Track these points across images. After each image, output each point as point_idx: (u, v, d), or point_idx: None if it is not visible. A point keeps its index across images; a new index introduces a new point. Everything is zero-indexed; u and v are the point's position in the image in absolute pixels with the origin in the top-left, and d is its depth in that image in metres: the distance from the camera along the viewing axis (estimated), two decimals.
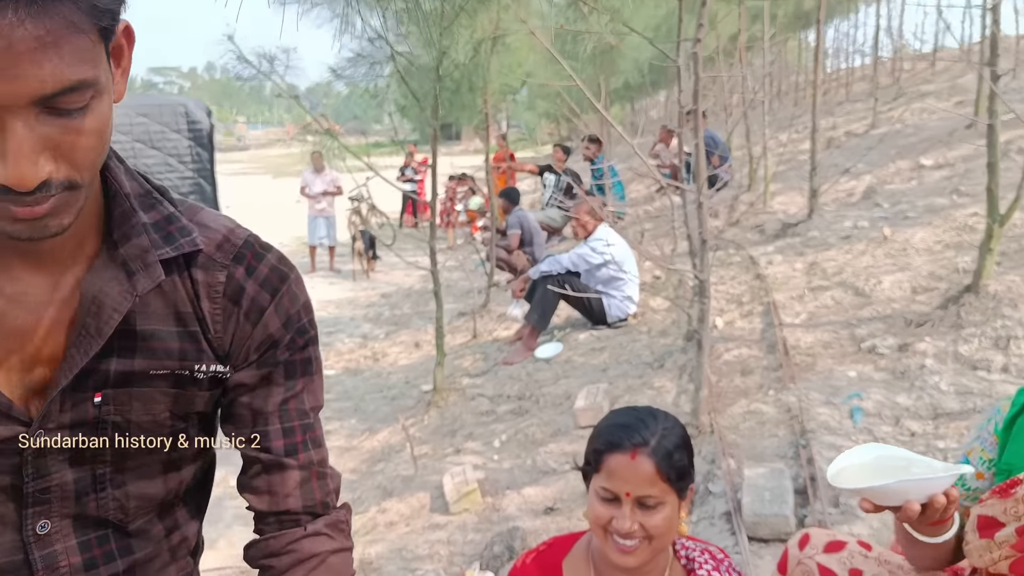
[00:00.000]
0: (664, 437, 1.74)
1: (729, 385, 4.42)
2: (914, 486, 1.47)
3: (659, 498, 1.69)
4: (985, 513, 1.61)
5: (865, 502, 1.53)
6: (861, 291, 5.01)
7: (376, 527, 4.42)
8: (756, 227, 8.27)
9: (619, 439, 1.72)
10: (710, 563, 1.85)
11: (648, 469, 1.68)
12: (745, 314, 5.46)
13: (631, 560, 1.70)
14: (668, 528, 1.71)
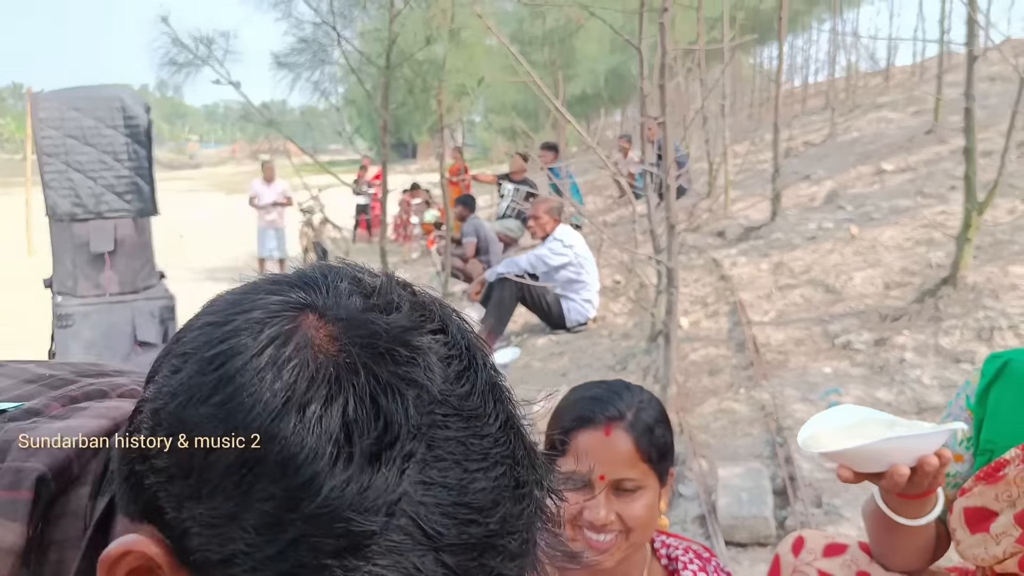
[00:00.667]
0: (642, 410, 1.43)
1: (697, 385, 4.15)
2: (901, 446, 1.23)
3: (639, 481, 1.38)
4: (973, 504, 1.37)
5: (844, 469, 1.27)
6: (831, 288, 4.79)
7: None
8: (717, 233, 8.08)
9: (590, 413, 1.41)
10: (696, 563, 1.54)
11: (625, 447, 1.38)
12: (711, 314, 5.21)
13: (607, 559, 1.38)
14: (649, 519, 1.40)
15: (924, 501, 1.32)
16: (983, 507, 1.35)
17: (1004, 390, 1.42)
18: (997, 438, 1.40)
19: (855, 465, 1.27)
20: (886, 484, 1.25)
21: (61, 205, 6.17)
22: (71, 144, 6.23)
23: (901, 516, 1.34)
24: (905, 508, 1.33)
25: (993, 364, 1.45)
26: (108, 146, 6.31)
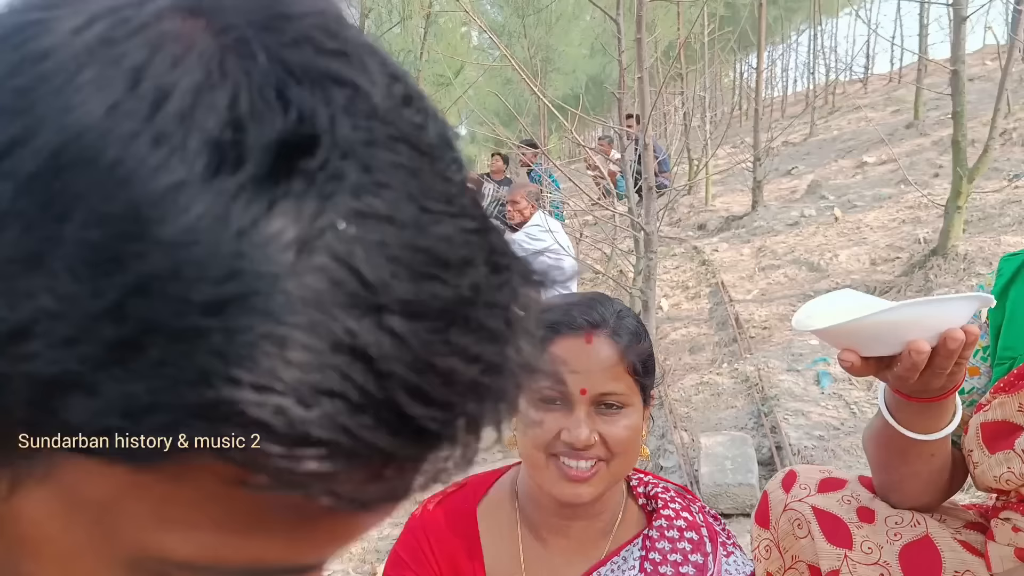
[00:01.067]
0: (624, 317, 1.24)
1: (678, 363, 3.99)
2: (919, 317, 1.00)
3: (623, 397, 1.19)
4: (991, 419, 1.19)
5: (848, 353, 1.05)
6: (816, 266, 4.66)
7: None
8: (698, 226, 7.96)
9: (569, 317, 1.21)
10: (677, 502, 1.34)
11: (609, 355, 1.19)
12: (691, 297, 5.06)
13: (586, 491, 1.18)
14: (632, 443, 1.21)
15: (941, 408, 1.12)
16: (1004, 421, 1.17)
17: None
18: (1018, 343, 1.23)
19: (862, 346, 1.05)
20: (901, 371, 1.02)
21: None
22: None
23: (912, 430, 1.15)
24: (917, 418, 1.14)
25: (1011, 263, 1.28)
26: None
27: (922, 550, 1.23)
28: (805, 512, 1.31)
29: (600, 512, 1.28)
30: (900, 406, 1.15)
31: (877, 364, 1.06)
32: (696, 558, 1.26)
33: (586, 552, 1.29)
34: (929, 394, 1.09)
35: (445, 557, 1.31)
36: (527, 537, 1.31)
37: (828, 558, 1.25)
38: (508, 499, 1.35)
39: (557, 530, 1.29)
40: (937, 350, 1.00)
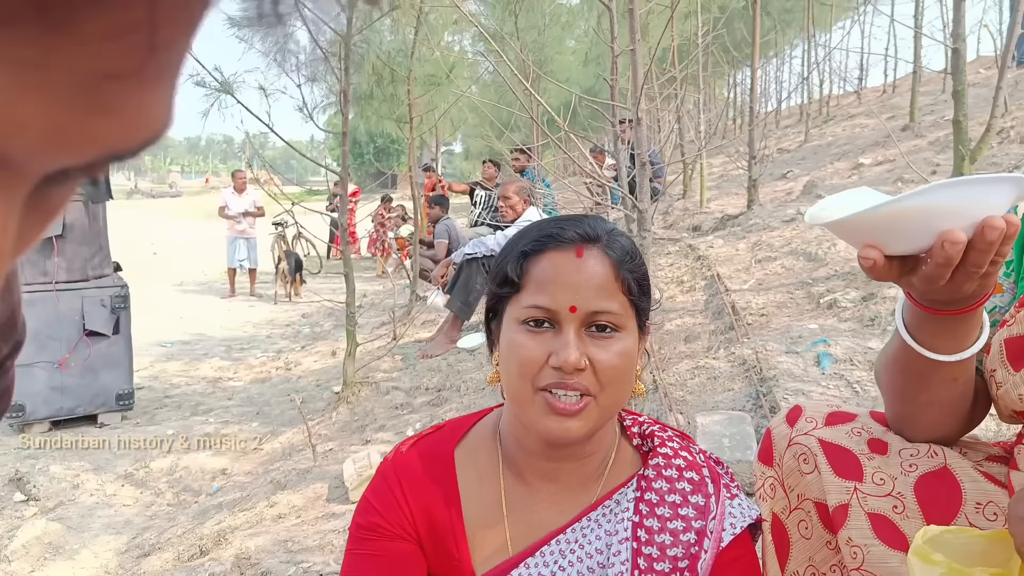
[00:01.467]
0: (617, 234, 1.15)
1: (673, 352, 3.88)
2: (955, 201, 0.86)
3: (617, 319, 1.08)
4: (1017, 333, 1.08)
5: (869, 249, 0.92)
6: (814, 256, 4.56)
7: (261, 521, 3.72)
8: (692, 228, 7.87)
9: (558, 230, 1.11)
10: (675, 441, 1.23)
11: (602, 270, 1.09)
12: (686, 290, 4.96)
13: (575, 426, 1.07)
14: (625, 371, 1.10)
15: (967, 323, 1.01)
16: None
17: None
18: None
19: (886, 240, 0.91)
20: (931, 269, 0.90)
21: None
22: None
23: (934, 351, 1.03)
24: (941, 336, 1.02)
25: None
26: None
27: (940, 481, 1.12)
28: (811, 445, 1.20)
29: (590, 453, 1.18)
30: (922, 323, 1.04)
31: (900, 267, 0.95)
32: (697, 499, 1.15)
33: (575, 497, 1.19)
34: (956, 305, 0.97)
35: (418, 502, 1.19)
36: (510, 482, 1.20)
37: (836, 492, 1.14)
38: (489, 441, 1.24)
39: (543, 474, 1.18)
40: (973, 242, 0.88)
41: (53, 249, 5.94)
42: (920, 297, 0.99)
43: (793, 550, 1.21)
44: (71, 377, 5.92)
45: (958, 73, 3.66)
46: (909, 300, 1.03)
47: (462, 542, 1.17)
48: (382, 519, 1.19)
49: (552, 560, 1.14)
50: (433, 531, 1.19)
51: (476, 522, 1.18)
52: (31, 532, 4.33)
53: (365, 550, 1.18)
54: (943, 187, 0.87)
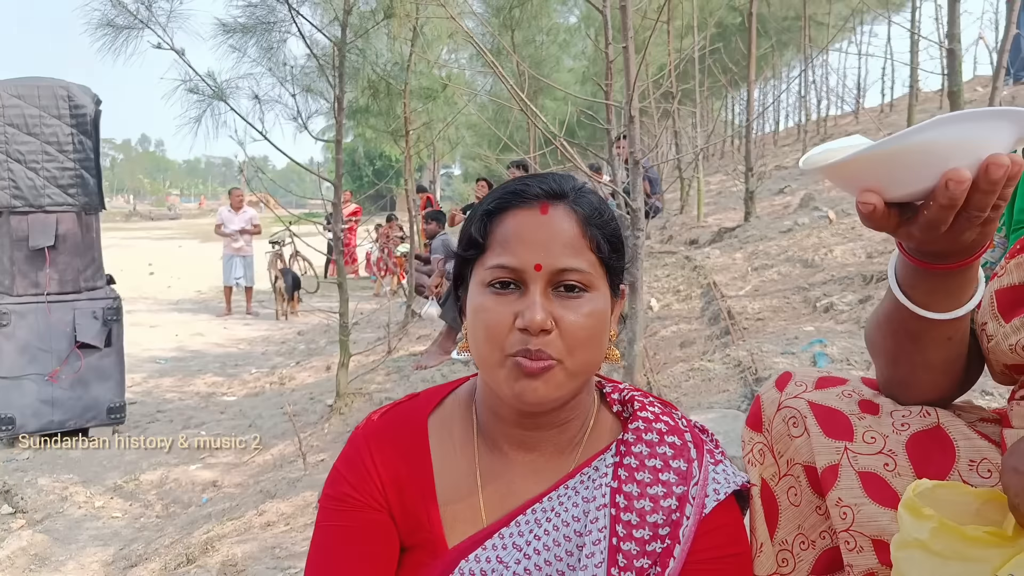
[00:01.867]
0: (586, 191, 1.10)
1: (668, 356, 3.83)
2: (959, 137, 0.80)
3: (586, 277, 1.04)
4: (1007, 283, 1.04)
5: (867, 194, 0.85)
6: (810, 262, 4.52)
7: (250, 528, 3.66)
8: (690, 242, 7.84)
9: (522, 188, 1.07)
10: (657, 406, 1.18)
11: (568, 227, 1.04)
12: (683, 299, 4.92)
13: (542, 389, 1.02)
14: (596, 336, 1.04)
15: (963, 278, 0.96)
16: (1021, 284, 1.02)
17: None
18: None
19: (886, 182, 0.85)
20: (933, 212, 0.85)
21: None
22: (12, 133, 5.90)
23: (929, 309, 0.99)
24: (937, 292, 0.98)
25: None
26: (52, 136, 5.99)
27: (933, 439, 1.07)
28: (801, 408, 1.15)
29: (565, 420, 1.13)
30: (917, 280, 0.99)
31: (899, 216, 0.89)
32: (678, 464, 1.10)
33: (553, 466, 1.13)
34: (954, 257, 0.92)
35: (389, 472, 1.14)
36: (484, 451, 1.15)
37: (825, 453, 1.09)
38: (464, 410, 1.19)
39: (519, 443, 1.13)
40: (977, 182, 0.82)
41: (45, 260, 5.89)
42: (918, 249, 0.94)
43: (782, 518, 1.16)
44: (62, 390, 5.85)
45: (953, 74, 3.65)
46: (903, 256, 0.98)
47: (434, 513, 1.12)
48: (352, 489, 1.14)
49: (528, 530, 1.09)
50: (404, 501, 1.13)
51: (449, 493, 1.13)
52: (16, 544, 4.26)
53: (335, 521, 1.13)
54: (944, 122, 0.82)
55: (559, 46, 13.53)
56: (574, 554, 1.06)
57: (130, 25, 4.41)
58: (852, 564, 1.04)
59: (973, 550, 0.87)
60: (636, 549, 1.04)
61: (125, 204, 77.28)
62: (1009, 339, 1.03)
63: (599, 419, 1.18)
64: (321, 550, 1.12)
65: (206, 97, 4.67)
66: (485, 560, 1.08)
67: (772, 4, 16.24)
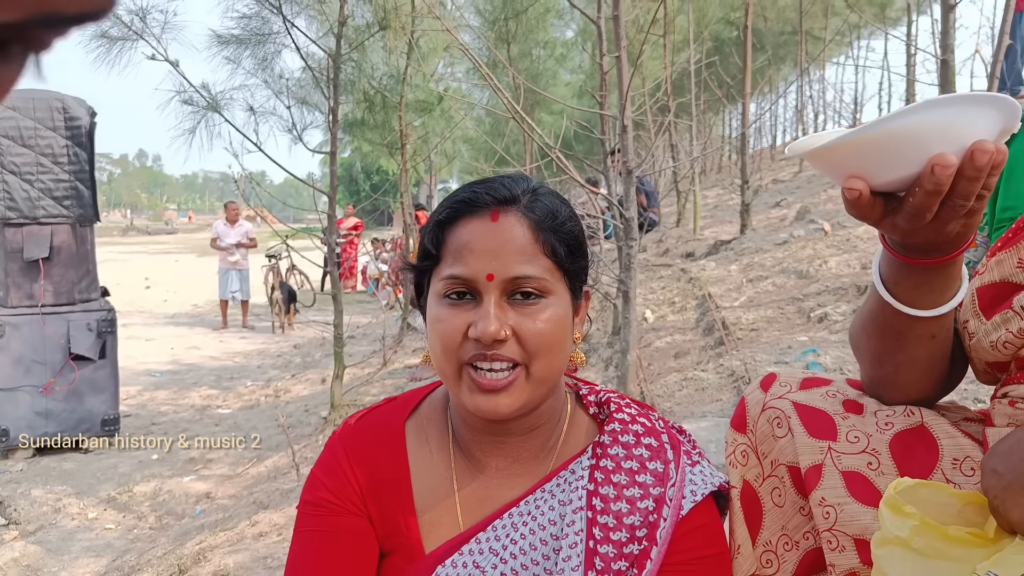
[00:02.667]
0: (541, 194, 1.08)
1: (662, 367, 3.83)
2: (945, 122, 0.80)
3: (541, 283, 1.02)
4: (988, 281, 1.04)
5: (855, 180, 0.85)
6: (805, 274, 4.53)
7: (242, 539, 3.64)
8: (686, 254, 7.85)
9: (471, 196, 1.06)
10: (633, 408, 1.17)
11: (520, 234, 1.03)
12: (677, 310, 4.92)
13: (504, 401, 1.01)
14: (555, 341, 1.03)
15: (947, 275, 0.96)
16: (1002, 281, 1.03)
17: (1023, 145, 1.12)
18: (1017, 202, 1.09)
19: (872, 168, 0.85)
20: (918, 199, 0.84)
21: None
22: (6, 145, 5.91)
23: (913, 306, 0.99)
24: (920, 289, 0.98)
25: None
26: (47, 148, 6.00)
27: (916, 437, 1.07)
28: (785, 408, 1.15)
29: (537, 426, 1.12)
30: (902, 276, 0.99)
31: (884, 206, 0.89)
32: (655, 466, 1.09)
33: (529, 470, 1.13)
34: (938, 252, 0.92)
35: (367, 476, 1.14)
36: (459, 458, 1.15)
37: (809, 452, 1.09)
38: (440, 414, 1.19)
39: (492, 449, 1.13)
40: (962, 169, 0.82)
41: (40, 272, 5.88)
42: (902, 242, 0.94)
43: (766, 519, 1.15)
44: (56, 401, 5.83)
45: (947, 85, 3.67)
46: (888, 252, 0.99)
47: (411, 518, 1.12)
48: (331, 494, 1.13)
49: (504, 534, 1.08)
50: (381, 506, 1.13)
51: (426, 498, 1.13)
52: (8, 555, 4.24)
53: (314, 526, 1.12)
54: (930, 105, 0.82)
55: (556, 60, 13.56)
56: (551, 557, 1.06)
57: (124, 36, 4.42)
58: (834, 564, 1.04)
59: (954, 549, 0.87)
60: (613, 552, 1.03)
61: (122, 219, 77.28)
62: (990, 336, 1.03)
63: (575, 421, 1.17)
64: (300, 554, 1.11)
65: (200, 108, 4.67)
66: (462, 565, 1.07)
67: (769, 19, 16.34)
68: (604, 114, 4.41)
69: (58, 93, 6.17)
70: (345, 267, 16.73)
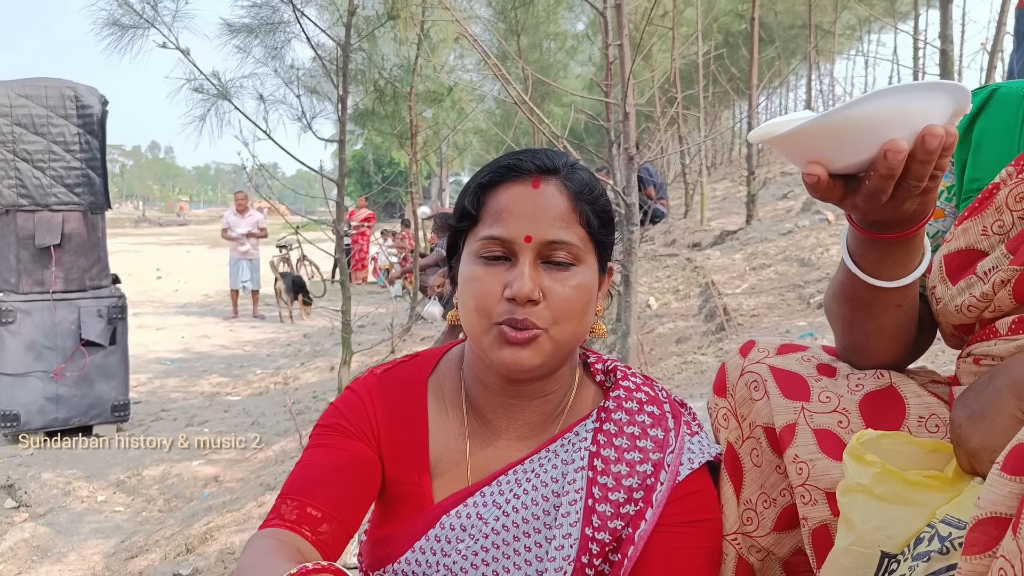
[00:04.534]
0: (578, 168, 1.14)
1: (664, 352, 3.86)
2: (897, 108, 0.85)
3: (575, 251, 1.08)
4: (955, 248, 1.09)
5: (814, 165, 0.89)
6: (807, 262, 4.55)
7: (249, 519, 3.70)
8: (692, 245, 7.88)
9: (515, 163, 1.11)
10: (639, 377, 1.22)
11: (559, 201, 1.08)
12: (681, 298, 4.95)
13: (527, 357, 1.06)
14: (581, 308, 1.08)
15: (909, 248, 1.01)
16: (968, 248, 1.07)
17: (991, 119, 1.16)
18: (984, 173, 1.13)
19: (830, 153, 0.89)
20: (874, 182, 0.88)
21: (5, 195, 5.89)
22: (19, 132, 5.98)
23: (879, 277, 1.04)
24: (884, 261, 1.03)
25: (980, 94, 1.18)
26: (59, 136, 6.07)
27: (885, 397, 1.12)
28: (762, 372, 1.19)
29: (549, 392, 1.17)
30: (866, 249, 1.04)
31: (844, 187, 0.93)
32: (656, 432, 1.14)
33: (537, 433, 1.18)
34: (898, 227, 0.97)
35: (386, 420, 1.19)
36: (472, 419, 1.20)
37: (784, 413, 1.13)
38: (455, 374, 1.24)
39: (503, 411, 1.18)
40: (914, 152, 0.87)
41: (51, 258, 5.95)
42: (863, 219, 0.99)
43: (746, 479, 1.20)
44: (66, 387, 5.91)
45: (946, 75, 3.69)
46: (853, 227, 1.04)
47: (424, 470, 1.17)
48: (345, 420, 1.18)
49: (508, 489, 1.13)
50: (395, 452, 1.18)
51: (440, 453, 1.18)
52: (18, 536, 4.30)
53: (324, 442, 1.16)
54: (882, 94, 0.86)
55: (567, 52, 13.58)
56: (551, 513, 1.11)
57: (136, 24, 4.48)
58: (807, 517, 1.08)
59: (914, 494, 0.91)
60: (611, 511, 1.08)
61: (134, 210, 77.60)
62: (955, 300, 1.07)
63: (582, 389, 1.22)
64: (307, 464, 1.14)
65: (211, 96, 4.73)
66: (466, 516, 1.13)
67: (779, 13, 16.27)
68: (609, 102, 4.43)
69: (70, 81, 6.24)
70: (356, 259, 16.81)
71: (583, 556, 1.07)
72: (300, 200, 24.84)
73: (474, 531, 1.12)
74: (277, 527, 1.06)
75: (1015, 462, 0.65)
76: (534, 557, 1.10)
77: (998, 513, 0.66)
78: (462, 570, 1.11)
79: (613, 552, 1.08)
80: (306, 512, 1.07)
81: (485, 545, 1.11)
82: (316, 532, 1.07)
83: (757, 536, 1.18)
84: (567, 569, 1.06)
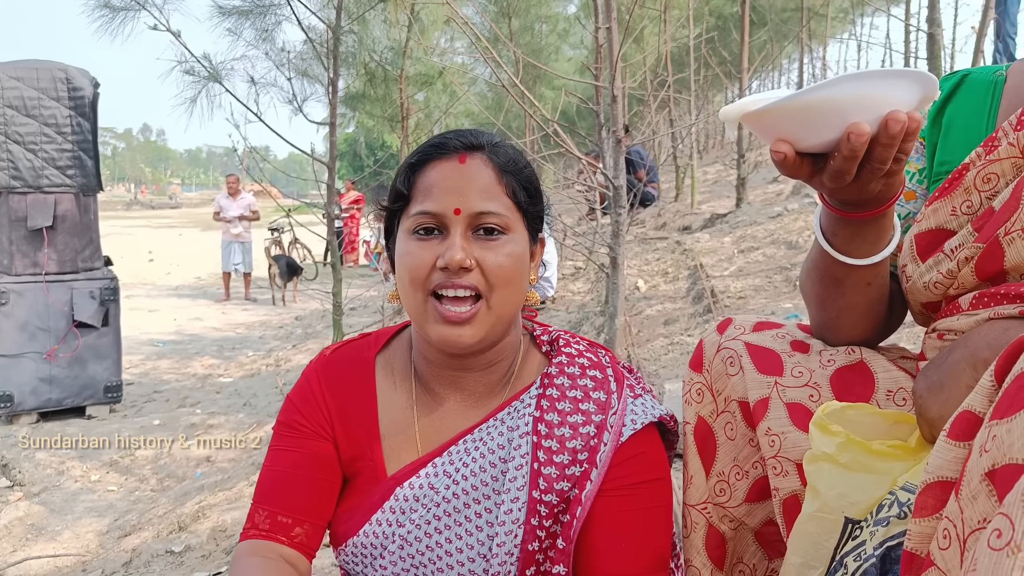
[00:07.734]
0: (502, 144, 1.19)
1: (651, 333, 3.91)
2: (862, 93, 0.89)
3: (503, 220, 1.12)
4: (925, 228, 1.13)
5: (782, 144, 0.93)
6: (795, 244, 4.60)
7: (240, 498, 3.74)
8: (683, 228, 7.91)
9: (442, 141, 1.16)
10: (582, 343, 1.27)
11: (486, 174, 1.13)
12: (670, 280, 5.00)
13: (467, 332, 1.10)
14: (515, 275, 1.12)
15: (878, 227, 1.05)
16: (937, 228, 1.11)
17: (961, 103, 1.20)
18: (953, 156, 1.17)
19: (797, 133, 0.93)
20: (838, 163, 0.92)
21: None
22: (11, 115, 5.97)
23: (849, 255, 1.09)
24: (854, 240, 1.07)
25: (950, 80, 1.22)
26: (51, 118, 6.06)
27: (855, 372, 1.16)
28: (738, 348, 1.24)
29: (494, 362, 1.21)
30: (837, 228, 1.08)
31: (811, 167, 0.97)
32: (598, 395, 1.18)
33: (483, 403, 1.22)
34: (866, 207, 1.02)
35: (337, 403, 1.24)
36: (420, 392, 1.25)
37: (757, 387, 1.18)
38: (405, 350, 1.28)
39: (449, 383, 1.22)
40: (877, 136, 0.91)
41: (43, 240, 5.96)
42: (831, 197, 1.03)
43: (720, 452, 1.24)
44: (59, 368, 5.93)
45: (933, 59, 3.72)
46: (825, 206, 1.07)
47: (376, 444, 1.22)
48: (302, 417, 1.24)
49: (458, 458, 1.18)
50: (349, 431, 1.23)
51: (390, 426, 1.23)
52: (13, 514, 4.34)
53: (284, 445, 1.24)
54: (851, 79, 0.90)
55: (558, 35, 13.55)
56: (499, 479, 1.15)
57: (126, 6, 4.47)
58: (778, 488, 1.12)
59: (877, 463, 0.95)
60: (556, 472, 1.12)
61: (126, 193, 77.24)
62: (924, 277, 1.12)
63: (527, 359, 1.26)
64: (270, 468, 1.23)
65: (201, 79, 4.73)
66: (419, 487, 1.17)
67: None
68: (598, 85, 4.45)
69: (61, 64, 6.22)
70: (347, 241, 16.81)
71: (532, 518, 1.11)
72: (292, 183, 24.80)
73: (426, 500, 1.16)
74: (255, 538, 1.17)
75: (959, 428, 0.70)
76: (485, 523, 1.15)
77: (944, 477, 0.70)
78: (416, 539, 1.16)
79: (562, 513, 1.12)
80: (277, 521, 1.18)
81: (437, 514, 1.16)
82: (290, 536, 1.18)
83: (730, 507, 1.22)
84: (517, 532, 1.11)
